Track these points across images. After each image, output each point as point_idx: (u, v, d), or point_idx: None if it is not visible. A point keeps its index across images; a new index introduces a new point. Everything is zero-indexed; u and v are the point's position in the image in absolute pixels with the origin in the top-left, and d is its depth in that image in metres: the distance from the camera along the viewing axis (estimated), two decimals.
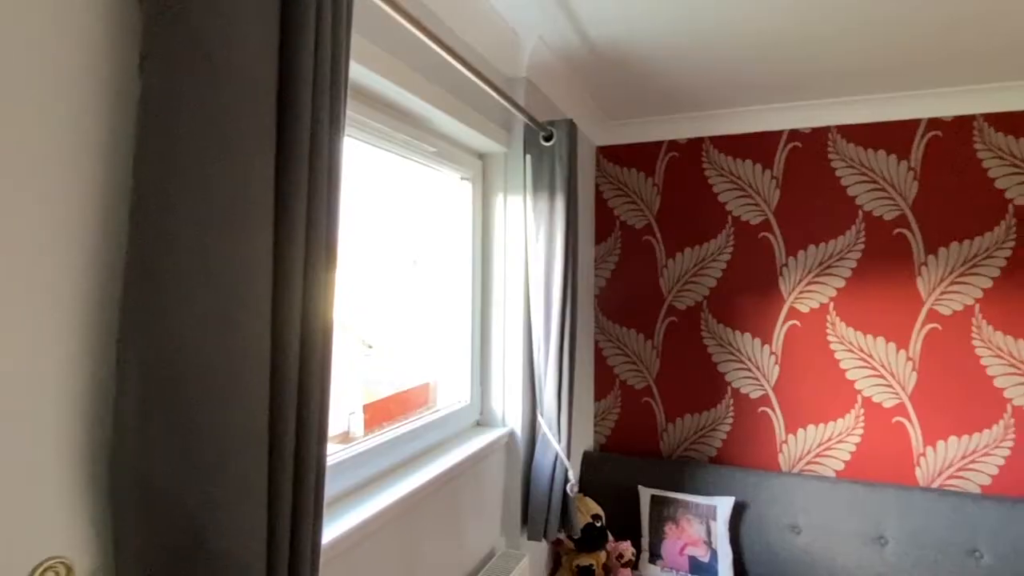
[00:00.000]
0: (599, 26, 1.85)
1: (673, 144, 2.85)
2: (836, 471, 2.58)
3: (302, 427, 0.79)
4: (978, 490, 2.40)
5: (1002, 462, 2.38)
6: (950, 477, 2.44)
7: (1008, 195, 2.37)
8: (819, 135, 2.61)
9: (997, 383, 2.38)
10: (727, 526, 2.33)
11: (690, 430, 2.81)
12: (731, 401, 2.74)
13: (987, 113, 2.39)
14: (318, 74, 0.79)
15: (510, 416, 2.03)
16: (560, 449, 1.94)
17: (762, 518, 2.40)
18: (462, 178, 1.98)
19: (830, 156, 2.59)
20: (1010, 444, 2.37)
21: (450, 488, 1.66)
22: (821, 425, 2.60)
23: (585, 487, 2.69)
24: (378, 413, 1.99)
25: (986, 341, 2.39)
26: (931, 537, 2.20)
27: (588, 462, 2.76)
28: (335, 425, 1.65)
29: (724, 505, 2.37)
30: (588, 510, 2.26)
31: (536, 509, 1.95)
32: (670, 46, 1.99)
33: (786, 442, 2.65)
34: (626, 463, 2.70)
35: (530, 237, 1.95)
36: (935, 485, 2.45)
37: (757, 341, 2.70)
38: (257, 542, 0.72)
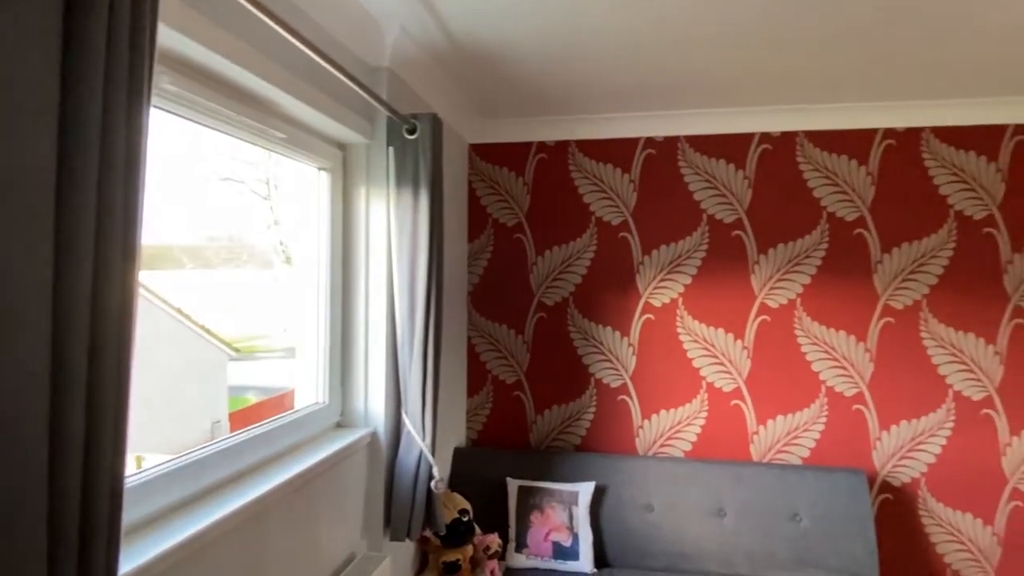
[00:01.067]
0: (459, 20, 1.86)
1: (542, 145, 2.94)
2: (685, 452, 2.81)
3: (92, 441, 0.70)
4: (799, 462, 2.73)
5: (818, 436, 2.73)
6: (778, 452, 2.76)
7: (823, 203, 2.72)
8: (670, 143, 2.82)
9: (814, 367, 2.73)
10: (588, 510, 2.45)
11: (557, 421, 2.92)
12: (594, 391, 2.89)
13: (808, 130, 2.73)
14: (113, 39, 0.71)
15: (373, 415, 1.97)
16: (425, 446, 1.93)
17: (620, 500, 2.55)
18: (320, 168, 1.89)
19: (679, 163, 2.82)
20: (824, 420, 2.73)
21: (303, 493, 1.58)
22: (672, 410, 2.82)
23: (456, 483, 2.70)
24: (247, 421, 1.86)
25: (805, 330, 2.73)
26: (761, 506, 2.47)
27: (459, 458, 2.77)
28: (198, 436, 1.50)
29: (586, 490, 2.49)
30: (455, 506, 2.27)
31: (399, 509, 1.92)
32: (530, 47, 2.04)
33: (642, 427, 2.84)
34: (497, 457, 2.75)
35: (394, 232, 1.92)
36: (766, 460, 2.75)
37: (617, 334, 2.87)
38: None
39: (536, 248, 2.94)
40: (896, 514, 2.67)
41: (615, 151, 2.87)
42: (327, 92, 1.68)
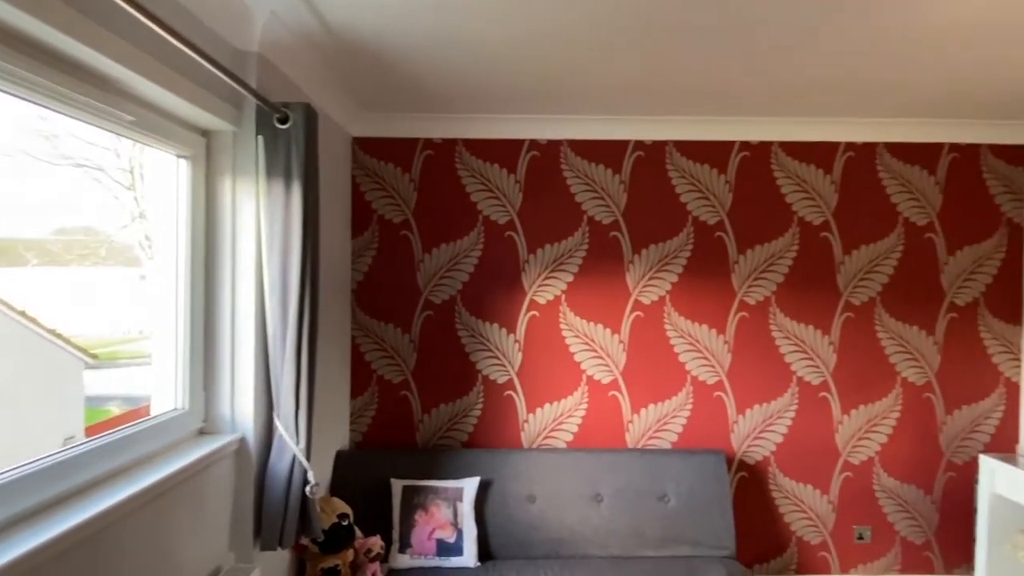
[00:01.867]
0: (335, 11, 1.80)
1: (429, 142, 2.93)
2: (567, 442, 2.93)
3: None
4: (669, 446, 2.94)
5: (685, 422, 2.95)
6: (650, 438, 2.95)
7: (689, 208, 2.95)
8: (554, 147, 2.93)
9: (681, 359, 2.95)
10: (472, 506, 2.48)
11: (444, 419, 2.93)
12: (482, 388, 2.92)
13: (676, 140, 2.94)
14: None
15: (241, 420, 1.86)
16: (299, 450, 1.85)
17: (504, 493, 2.61)
18: (180, 156, 1.76)
19: (562, 166, 2.93)
20: (690, 407, 2.96)
21: (157, 507, 1.46)
22: (555, 403, 2.93)
23: (338, 487, 2.62)
24: None
25: (674, 325, 2.95)
26: (633, 489, 2.63)
27: (342, 461, 2.69)
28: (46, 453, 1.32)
29: (470, 486, 2.51)
30: (334, 510, 2.20)
31: (271, 517, 1.83)
32: (409, 43, 2.03)
33: (527, 421, 2.92)
34: (382, 458, 2.70)
35: (264, 225, 1.82)
36: (639, 446, 2.94)
37: (504, 331, 2.92)
38: None
39: (423, 246, 2.93)
40: (751, 490, 2.96)
41: (501, 151, 2.92)
42: (185, 73, 1.56)
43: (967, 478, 2.97)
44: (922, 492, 2.97)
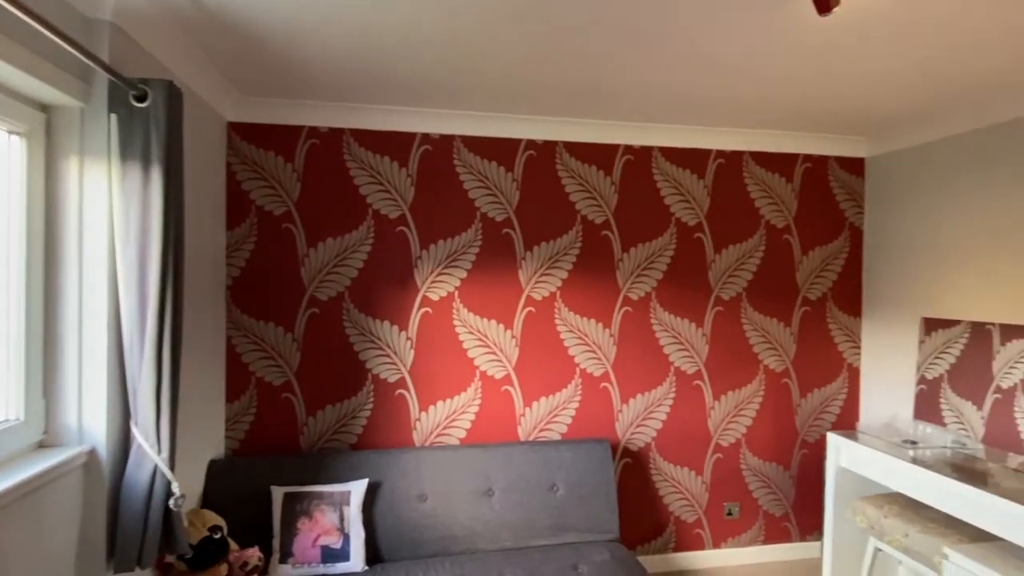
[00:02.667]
0: None
1: (314, 131, 2.79)
2: (460, 439, 2.93)
3: None
4: (559, 437, 3.03)
5: (574, 413, 3.06)
6: (541, 430, 3.02)
7: (578, 207, 3.05)
8: (446, 141, 2.90)
9: (571, 352, 3.05)
10: (360, 509, 2.40)
11: (332, 421, 2.81)
12: (371, 387, 2.84)
13: (567, 141, 3.03)
14: None
15: (91, 431, 1.67)
16: (160, 460, 1.69)
17: (394, 493, 2.55)
18: (11, 132, 1.54)
19: (455, 162, 2.91)
20: (579, 399, 3.06)
21: None
22: (449, 400, 2.91)
23: (212, 498, 2.43)
24: None
25: (564, 320, 3.04)
26: (524, 481, 2.68)
27: (216, 470, 2.50)
28: None
29: (358, 488, 2.43)
30: (205, 523, 2.04)
31: (127, 535, 1.65)
32: (289, 25, 1.92)
33: (419, 419, 2.88)
34: (261, 465, 2.54)
35: (118, 213, 1.64)
36: (531, 439, 3.00)
37: (395, 328, 2.86)
38: None
39: (308, 239, 2.79)
40: (634, 475, 3.13)
41: (392, 144, 2.86)
42: (16, 37, 1.37)
43: (818, 454, 3.33)
44: (781, 468, 3.30)
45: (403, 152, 2.87)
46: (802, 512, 3.33)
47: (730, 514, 3.23)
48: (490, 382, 2.96)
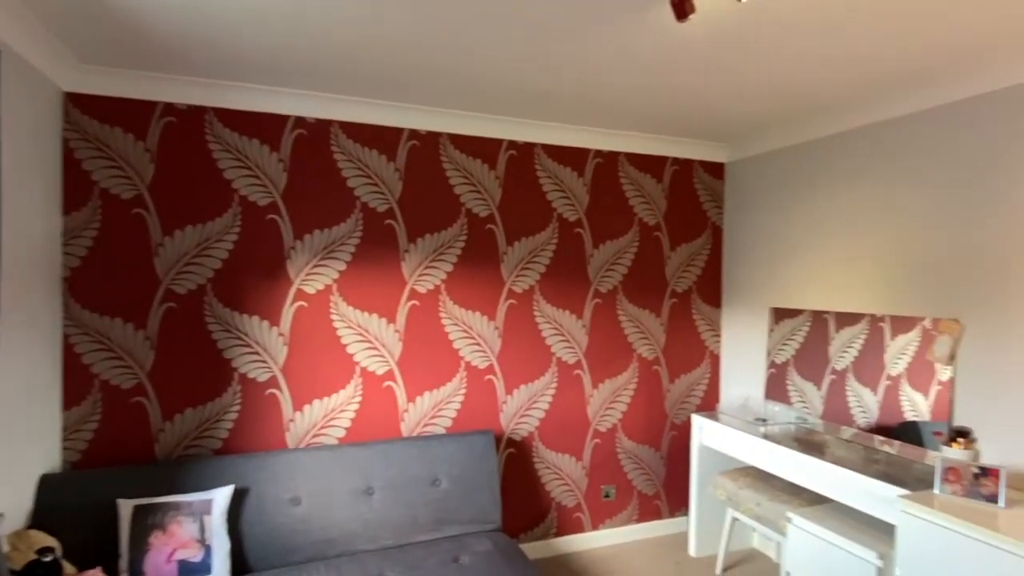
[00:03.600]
0: None
1: (171, 108, 2.54)
2: (339, 438, 2.81)
3: None
4: (444, 432, 3.00)
5: (459, 407, 3.05)
6: (426, 425, 2.98)
7: (462, 200, 3.04)
8: (323, 127, 2.77)
9: (455, 345, 3.04)
10: (224, 517, 2.22)
11: (192, 425, 2.57)
12: (238, 387, 2.64)
13: (451, 133, 3.01)
14: None
15: None
16: None
17: (263, 499, 2.39)
18: None
19: (333, 148, 2.79)
20: (464, 392, 3.06)
21: None
22: (326, 398, 2.78)
23: (45, 517, 2.12)
24: None
25: (449, 313, 3.02)
26: (406, 478, 2.63)
27: (50, 486, 2.19)
28: None
29: (221, 496, 2.25)
30: (32, 546, 1.78)
31: None
32: None
33: (293, 420, 2.72)
34: (106, 477, 2.27)
35: None
36: (415, 434, 2.95)
37: (265, 323, 2.68)
38: None
39: (163, 227, 2.53)
40: (518, 464, 3.18)
41: (263, 126, 2.67)
42: None
43: (685, 435, 3.59)
44: (653, 450, 3.51)
45: (274, 135, 2.69)
46: (671, 490, 3.57)
47: (607, 496, 3.39)
48: (371, 378, 2.87)
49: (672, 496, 3.58)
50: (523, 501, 3.19)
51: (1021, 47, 2.04)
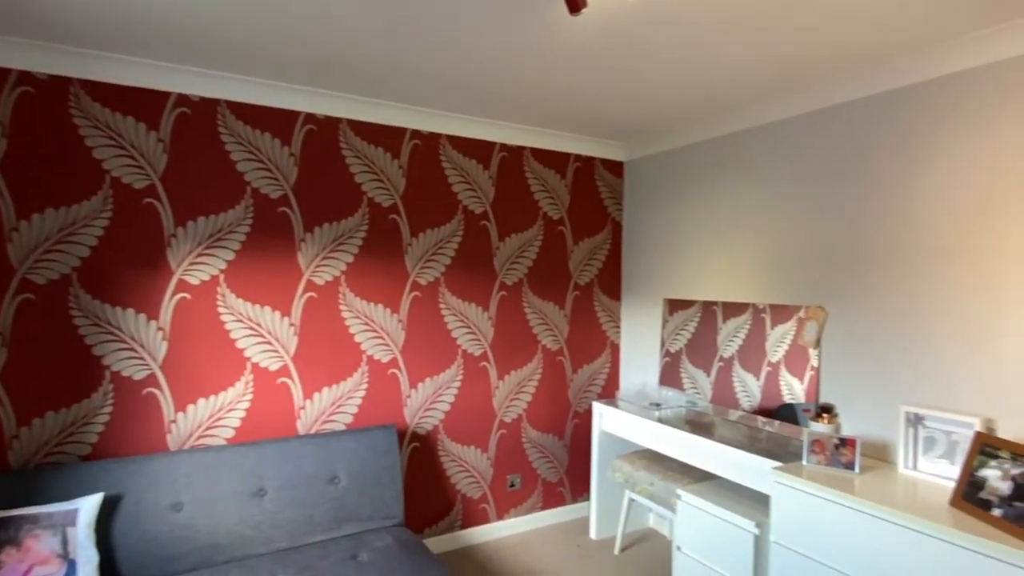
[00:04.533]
0: None
1: (27, 76, 2.27)
2: (228, 439, 2.64)
3: None
4: (344, 428, 2.90)
5: (360, 402, 2.96)
6: (324, 422, 2.87)
7: (364, 189, 2.95)
8: (209, 106, 2.59)
9: (357, 339, 2.95)
10: (92, 528, 2.02)
11: (55, 430, 2.32)
12: (110, 387, 2.41)
13: (351, 119, 2.91)
14: None
15: None
16: None
17: (140, 506, 2.20)
18: None
19: (220, 130, 2.61)
20: (365, 387, 2.98)
21: None
22: (213, 397, 2.61)
23: None
24: None
25: (349, 305, 2.92)
26: (302, 477, 2.52)
27: None
28: None
29: (88, 505, 2.04)
30: None
31: None
32: None
33: (175, 421, 2.53)
34: None
35: None
36: (313, 431, 2.83)
37: (142, 317, 2.47)
38: None
39: (18, 210, 2.26)
40: (422, 458, 3.14)
41: (138, 102, 2.45)
42: None
43: (587, 422, 3.71)
44: (557, 438, 3.60)
45: (153, 113, 2.48)
46: (574, 476, 3.68)
47: (512, 485, 3.43)
48: (264, 374, 2.72)
49: (575, 482, 3.68)
50: (428, 495, 3.16)
51: (877, 61, 2.28)
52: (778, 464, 2.26)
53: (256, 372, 2.70)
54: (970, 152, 2.08)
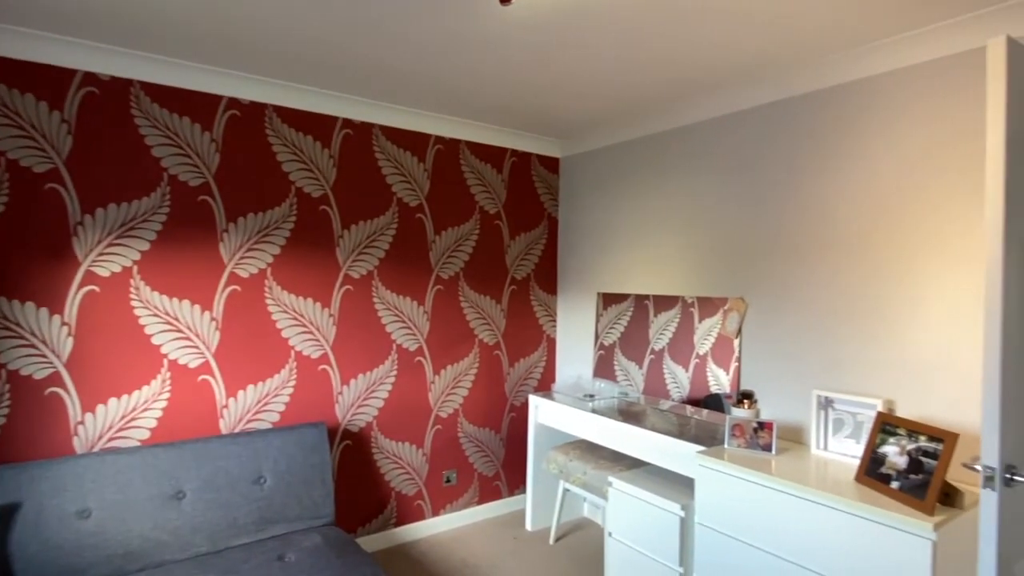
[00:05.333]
0: None
1: None
2: (142, 440, 2.48)
3: None
4: (270, 426, 2.79)
5: (288, 399, 2.86)
6: (249, 421, 2.75)
7: (292, 178, 2.85)
8: (121, 87, 2.42)
9: (284, 334, 2.84)
10: None
11: None
12: (7, 387, 2.22)
13: (279, 105, 2.80)
14: None
15: None
16: None
17: (41, 514, 2.04)
18: None
19: (133, 112, 2.45)
20: (294, 383, 2.88)
21: None
22: (125, 396, 2.45)
23: None
24: None
25: (276, 299, 2.82)
26: (224, 478, 2.40)
27: None
28: None
29: None
30: None
31: None
32: None
33: (83, 422, 2.36)
34: None
35: None
36: (237, 431, 2.71)
37: (44, 311, 2.28)
38: None
39: None
40: (355, 456, 3.07)
41: (39, 80, 2.27)
42: None
43: (524, 415, 3.73)
44: (493, 432, 3.60)
45: (56, 93, 2.30)
46: (511, 470, 3.69)
47: (448, 481, 3.41)
48: (182, 372, 2.58)
49: (511, 475, 3.70)
50: (360, 493, 3.09)
51: (792, 67, 2.40)
52: (702, 448, 2.35)
53: (174, 369, 2.55)
54: (876, 153, 2.24)
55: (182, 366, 2.57)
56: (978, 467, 1.41)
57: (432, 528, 3.34)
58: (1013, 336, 1.42)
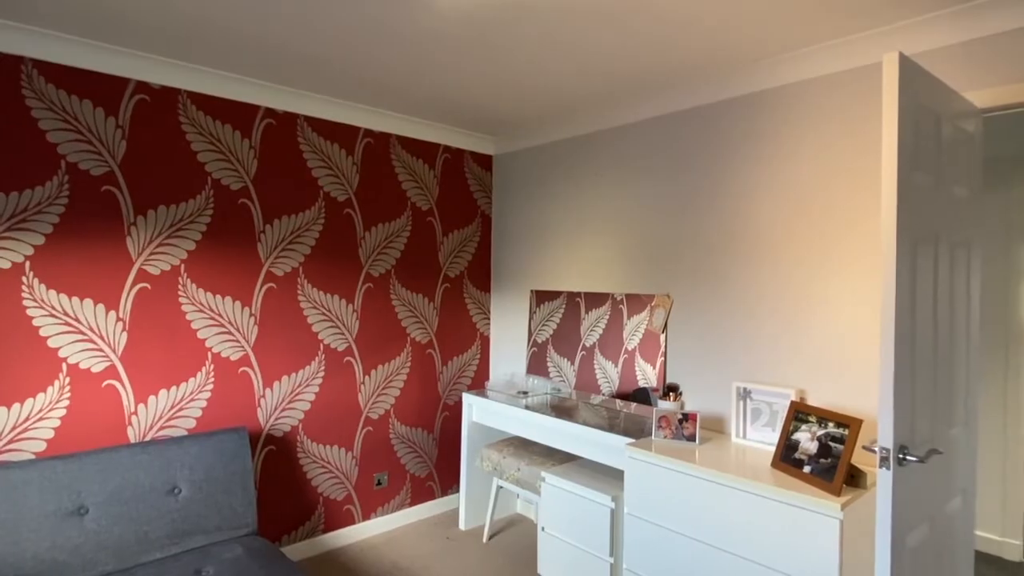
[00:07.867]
0: None
1: None
2: (37, 452, 2.27)
3: None
4: (186, 433, 2.62)
5: (205, 404, 2.69)
6: (162, 428, 2.57)
7: (208, 169, 2.69)
8: (11, 64, 2.19)
9: (200, 335, 2.67)
10: None
11: None
12: None
13: (193, 91, 2.63)
14: None
15: None
16: None
17: None
18: None
19: (25, 93, 2.23)
20: (211, 387, 2.71)
21: None
22: (16, 405, 2.22)
23: None
24: None
25: (191, 298, 2.65)
26: (134, 490, 2.23)
27: None
28: None
29: None
30: None
31: None
32: None
33: None
34: None
35: None
36: (148, 439, 2.52)
37: None
38: None
39: None
40: (279, 462, 2.94)
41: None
42: None
43: (457, 414, 3.70)
44: (426, 432, 3.55)
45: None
46: (444, 470, 3.66)
47: (379, 484, 3.33)
48: (84, 376, 2.37)
49: (444, 475, 3.66)
50: (286, 500, 2.96)
51: (721, 72, 2.51)
52: (631, 441, 2.41)
53: (74, 374, 2.35)
54: (791, 157, 2.37)
55: (84, 370, 2.37)
56: (875, 449, 1.52)
57: (363, 532, 3.25)
58: (905, 328, 1.54)
